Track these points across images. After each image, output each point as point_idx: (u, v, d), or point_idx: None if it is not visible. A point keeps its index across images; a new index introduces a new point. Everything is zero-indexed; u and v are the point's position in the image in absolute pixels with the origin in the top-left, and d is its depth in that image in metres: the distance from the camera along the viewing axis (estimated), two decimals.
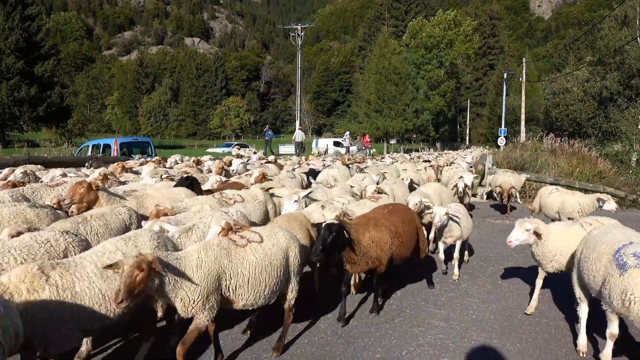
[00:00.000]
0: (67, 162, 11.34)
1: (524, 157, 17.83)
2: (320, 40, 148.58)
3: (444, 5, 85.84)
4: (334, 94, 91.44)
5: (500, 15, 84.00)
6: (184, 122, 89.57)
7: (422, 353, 4.25)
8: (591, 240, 4.11)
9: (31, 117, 37.96)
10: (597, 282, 3.79)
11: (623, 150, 30.71)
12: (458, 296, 5.71)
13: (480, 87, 76.33)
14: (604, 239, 3.95)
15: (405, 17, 71.32)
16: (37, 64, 39.26)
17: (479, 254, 7.71)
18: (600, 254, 3.81)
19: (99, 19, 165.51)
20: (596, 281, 3.80)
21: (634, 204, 13.48)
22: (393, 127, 45.74)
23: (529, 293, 5.85)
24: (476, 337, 4.58)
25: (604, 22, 40.15)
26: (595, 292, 3.88)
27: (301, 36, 39.27)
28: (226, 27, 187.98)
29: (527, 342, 4.51)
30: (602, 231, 4.15)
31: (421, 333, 4.65)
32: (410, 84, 49.21)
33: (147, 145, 18.52)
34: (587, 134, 39.60)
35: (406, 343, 4.44)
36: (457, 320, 4.99)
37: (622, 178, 16.98)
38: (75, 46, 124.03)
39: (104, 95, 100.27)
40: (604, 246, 3.84)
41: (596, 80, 40.87)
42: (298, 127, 35.38)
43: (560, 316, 5.11)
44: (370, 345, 4.40)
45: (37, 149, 25.00)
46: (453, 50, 57.42)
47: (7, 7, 37.97)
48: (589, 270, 3.90)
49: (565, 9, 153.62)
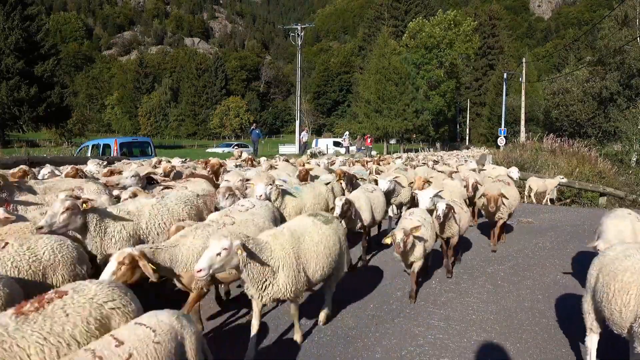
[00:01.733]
0: (67, 162, 11.32)
1: (524, 157, 17.89)
2: (320, 40, 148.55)
3: (444, 6, 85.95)
4: (333, 94, 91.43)
5: (500, 15, 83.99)
6: (184, 122, 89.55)
7: (422, 353, 4.25)
8: (609, 265, 3.47)
9: (31, 117, 37.92)
10: (625, 318, 3.19)
11: (623, 150, 30.75)
12: (458, 296, 5.71)
13: (480, 87, 76.31)
14: (627, 264, 3.34)
15: (405, 17, 71.39)
16: (37, 64, 39.23)
17: (479, 254, 7.70)
18: (626, 284, 3.23)
19: (98, 19, 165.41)
20: (623, 317, 3.20)
21: (633, 204, 13.49)
22: (393, 127, 45.78)
23: (529, 293, 5.86)
24: (476, 337, 4.58)
25: (604, 22, 40.19)
26: (620, 328, 3.27)
27: (301, 36, 39.27)
28: (226, 27, 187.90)
29: (527, 342, 4.51)
30: (622, 254, 3.50)
31: (421, 333, 4.65)
32: (410, 84, 49.25)
33: (147, 145, 18.53)
34: (587, 134, 39.63)
35: (406, 343, 4.44)
36: (457, 320, 4.98)
37: (622, 178, 17.02)
38: (75, 46, 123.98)
39: (103, 95, 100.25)
40: (628, 275, 3.26)
41: (596, 80, 40.90)
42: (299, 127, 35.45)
43: (561, 316, 5.11)
44: (370, 345, 4.40)
45: (37, 149, 24.97)
46: (453, 50, 57.48)
47: (7, 7, 37.94)
48: (611, 304, 3.29)
49: (565, 9, 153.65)
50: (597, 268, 3.60)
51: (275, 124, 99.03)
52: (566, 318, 5.03)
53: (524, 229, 9.83)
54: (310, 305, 5.14)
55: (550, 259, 7.39)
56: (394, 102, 45.56)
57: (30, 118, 38.16)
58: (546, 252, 7.87)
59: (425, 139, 62.36)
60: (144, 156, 14.67)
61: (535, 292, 5.88)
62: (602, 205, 15.95)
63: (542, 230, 9.68)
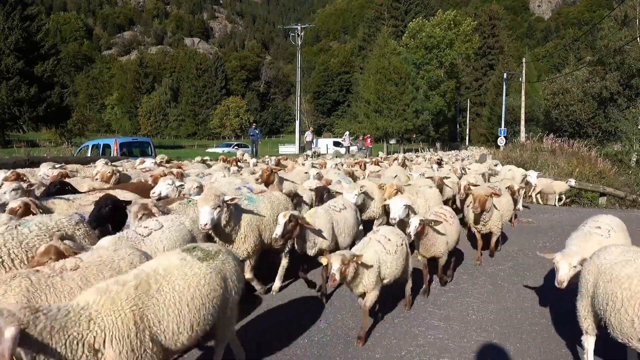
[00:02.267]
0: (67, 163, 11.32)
1: (524, 157, 17.90)
2: (320, 40, 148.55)
3: (444, 6, 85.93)
4: (333, 94, 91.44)
5: (500, 15, 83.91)
6: (184, 122, 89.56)
7: (422, 353, 4.25)
8: (609, 271, 3.35)
9: (31, 117, 37.92)
10: (637, 329, 3.03)
11: (623, 150, 30.75)
12: (458, 296, 5.71)
13: (480, 87, 76.29)
14: (630, 271, 3.21)
15: (405, 17, 71.38)
16: (37, 64, 39.22)
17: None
18: (636, 292, 3.07)
19: (98, 19, 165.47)
20: (636, 327, 3.04)
21: (633, 204, 13.49)
22: (393, 127, 45.75)
23: (529, 293, 5.85)
24: (476, 337, 4.58)
25: (603, 22, 40.16)
26: (628, 338, 3.13)
27: (301, 36, 39.28)
28: (226, 27, 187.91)
29: (527, 342, 4.51)
30: (620, 258, 3.39)
31: (421, 333, 4.65)
32: (410, 84, 49.21)
33: (146, 145, 18.49)
34: (587, 134, 39.61)
35: (406, 343, 4.43)
36: (457, 320, 4.98)
37: (622, 178, 17.02)
38: (75, 46, 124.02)
39: (103, 95, 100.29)
40: (636, 282, 3.11)
41: (596, 81, 40.87)
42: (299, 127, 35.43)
43: (560, 316, 5.11)
44: (370, 345, 4.40)
45: (37, 149, 24.95)
46: (453, 50, 57.47)
47: (7, 7, 37.94)
48: (620, 314, 3.13)
49: (565, 9, 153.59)
50: (594, 273, 3.49)
51: (275, 124, 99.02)
52: (566, 318, 5.02)
53: (524, 229, 9.83)
54: (310, 305, 5.14)
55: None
56: (394, 102, 45.53)
57: (30, 118, 38.17)
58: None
59: (425, 139, 62.36)
60: (144, 156, 14.64)
61: (535, 292, 5.88)
62: (602, 205, 15.95)
63: (542, 230, 9.68)
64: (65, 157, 13.67)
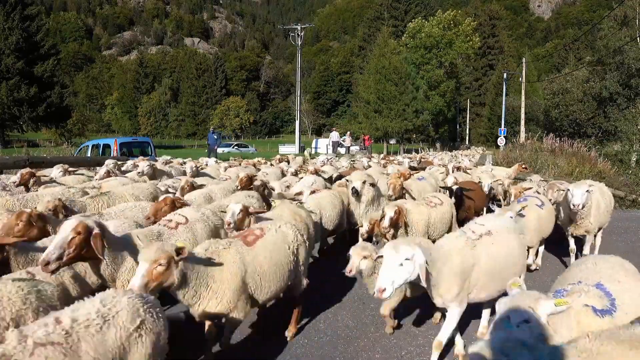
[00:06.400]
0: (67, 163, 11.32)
1: (524, 157, 17.86)
2: (320, 40, 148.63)
3: (444, 5, 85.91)
4: (333, 94, 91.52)
5: (500, 15, 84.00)
6: (184, 122, 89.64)
7: (422, 353, 4.25)
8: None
9: (31, 117, 38.00)
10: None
11: (623, 150, 30.68)
12: None
13: (480, 87, 76.33)
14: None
15: (404, 17, 71.32)
16: (37, 64, 39.30)
17: None
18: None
19: (98, 19, 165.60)
20: None
21: (634, 204, 13.46)
22: (392, 127, 45.76)
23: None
24: (476, 337, 4.58)
25: (603, 22, 40.18)
26: None
27: (301, 36, 39.30)
28: (226, 27, 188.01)
29: None
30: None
31: (421, 333, 4.65)
32: (410, 84, 49.21)
33: (146, 145, 18.46)
34: (587, 134, 39.62)
35: (406, 343, 4.44)
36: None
37: (621, 178, 16.95)
38: (75, 46, 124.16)
39: (103, 95, 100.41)
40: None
41: (596, 81, 40.89)
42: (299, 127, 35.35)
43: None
44: (370, 345, 4.40)
45: (37, 149, 24.96)
46: (453, 50, 57.40)
47: (7, 7, 38.00)
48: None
49: (565, 9, 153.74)
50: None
51: (275, 124, 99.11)
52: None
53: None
54: (310, 305, 5.14)
55: (551, 259, 7.39)
56: (393, 102, 45.53)
57: (30, 118, 38.24)
58: (546, 251, 7.87)
59: (425, 139, 62.37)
60: (144, 156, 14.64)
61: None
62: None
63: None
64: (66, 157, 13.68)
